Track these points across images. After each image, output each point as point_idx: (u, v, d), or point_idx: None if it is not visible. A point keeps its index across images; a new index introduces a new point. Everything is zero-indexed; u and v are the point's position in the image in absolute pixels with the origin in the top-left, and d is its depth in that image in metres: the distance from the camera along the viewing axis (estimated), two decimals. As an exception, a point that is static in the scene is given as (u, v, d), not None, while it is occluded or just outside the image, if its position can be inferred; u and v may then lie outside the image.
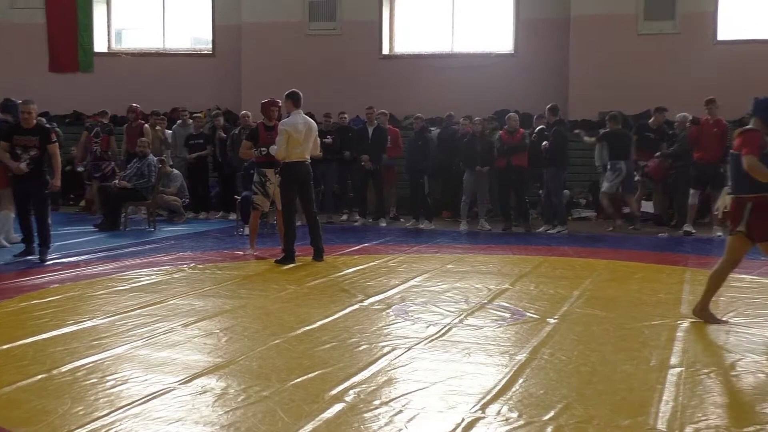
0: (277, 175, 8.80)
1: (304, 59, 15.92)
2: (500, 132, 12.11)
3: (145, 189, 11.77)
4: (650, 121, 12.48)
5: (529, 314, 6.03)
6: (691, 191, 11.41)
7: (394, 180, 13.38)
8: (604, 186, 11.97)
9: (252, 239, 9.29)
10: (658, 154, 12.68)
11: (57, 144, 8.85)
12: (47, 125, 10.06)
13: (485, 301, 6.51)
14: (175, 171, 13.16)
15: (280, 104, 9.10)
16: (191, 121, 13.92)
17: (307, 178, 8.62)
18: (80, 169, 13.89)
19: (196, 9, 17.33)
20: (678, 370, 4.57)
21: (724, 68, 14.29)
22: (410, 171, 12.37)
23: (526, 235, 11.48)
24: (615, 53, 14.74)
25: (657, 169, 12.82)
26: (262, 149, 8.69)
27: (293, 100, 8.59)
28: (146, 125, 13.28)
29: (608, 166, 11.91)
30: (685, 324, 5.75)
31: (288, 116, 8.68)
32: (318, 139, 8.83)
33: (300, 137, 8.45)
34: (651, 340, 5.29)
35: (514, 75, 15.40)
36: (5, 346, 4.99)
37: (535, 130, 12.27)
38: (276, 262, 8.50)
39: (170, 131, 13.98)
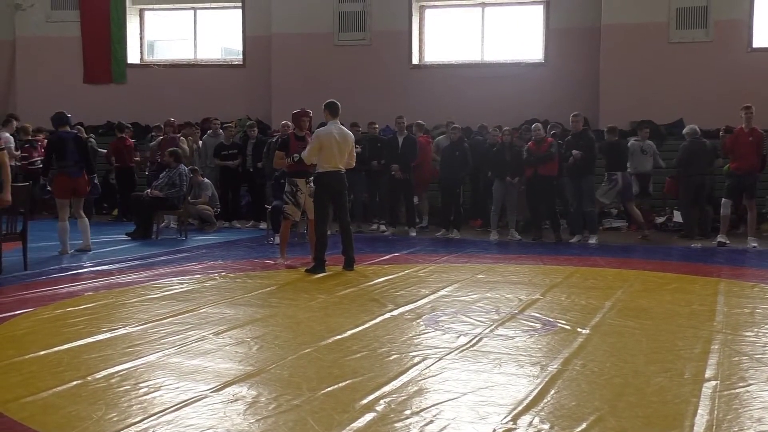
0: (309, 185, 8.85)
1: (333, 69, 16.00)
2: (529, 143, 12.08)
3: (177, 198, 11.89)
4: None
5: (560, 325, 5.98)
6: (723, 201, 11.29)
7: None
8: (599, 195, 11.93)
9: (282, 248, 9.33)
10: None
11: (5, 152, 8.11)
12: (88, 138, 10.08)
13: (516, 312, 6.47)
14: (206, 180, 13.28)
15: (311, 114, 9.17)
16: (221, 131, 14.05)
17: (341, 188, 8.65)
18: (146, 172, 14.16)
19: (226, 21, 17.52)
20: (713, 383, 4.50)
21: (760, 76, 14.11)
22: (446, 181, 12.33)
23: (556, 245, 11.41)
24: (646, 62, 14.62)
25: (671, 188, 12.93)
26: (295, 156, 8.75)
27: (330, 110, 8.65)
28: (181, 137, 13.45)
29: (605, 177, 11.89)
30: (720, 336, 5.67)
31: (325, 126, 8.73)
32: (354, 150, 8.84)
33: (333, 147, 8.49)
34: (685, 352, 5.21)
35: (545, 84, 15.35)
36: (41, 353, 5.06)
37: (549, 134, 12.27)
38: (306, 271, 8.54)
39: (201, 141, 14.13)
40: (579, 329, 5.81)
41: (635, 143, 12.86)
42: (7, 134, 12.98)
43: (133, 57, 17.68)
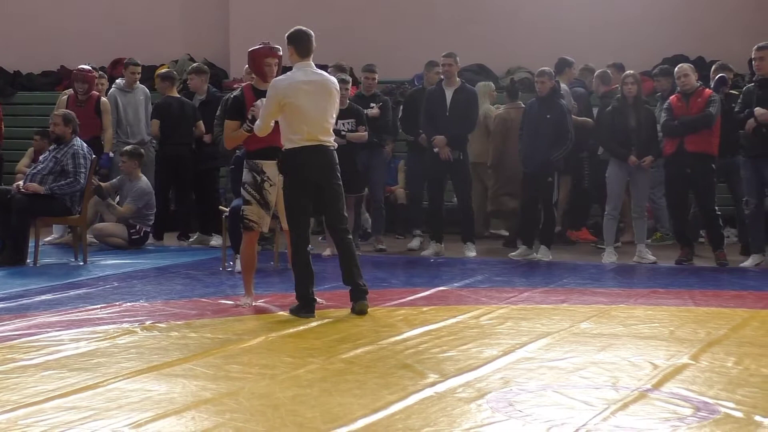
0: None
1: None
2: (671, 97, 12.04)
3: (70, 196, 11.88)
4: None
5: (725, 409, 5.92)
6: None
7: None
8: None
9: (247, 279, 9.33)
10: None
11: None
12: None
13: (648, 386, 6.43)
14: (140, 177, 13.13)
15: (281, 53, 9.18)
16: (139, 84, 14.01)
17: (328, 175, 8.69)
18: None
19: None
20: None
21: None
22: (528, 165, 12.36)
23: (717, 272, 11.42)
24: None
25: None
26: (250, 116, 8.75)
27: (296, 44, 8.70)
28: (104, 98, 13.52)
29: None
30: None
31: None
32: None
33: (304, 106, 8.53)
34: None
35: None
36: None
37: (713, 83, 12.23)
38: (291, 311, 8.62)
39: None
40: (757, 418, 5.75)
41: None
42: None
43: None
